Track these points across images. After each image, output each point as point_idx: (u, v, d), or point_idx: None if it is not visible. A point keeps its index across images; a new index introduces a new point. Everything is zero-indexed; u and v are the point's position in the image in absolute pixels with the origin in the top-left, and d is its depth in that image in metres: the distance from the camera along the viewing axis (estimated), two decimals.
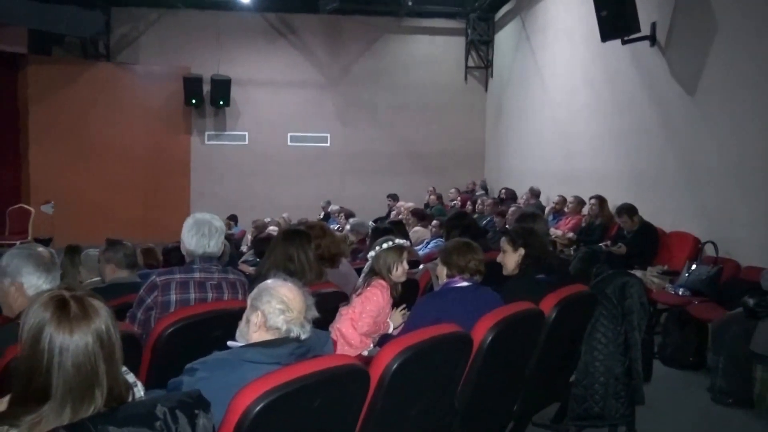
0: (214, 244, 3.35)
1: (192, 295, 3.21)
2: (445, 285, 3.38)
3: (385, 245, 3.44)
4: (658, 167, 7.78)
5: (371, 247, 3.54)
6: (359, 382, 2.20)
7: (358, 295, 3.39)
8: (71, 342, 1.52)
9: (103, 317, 1.58)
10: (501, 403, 3.23)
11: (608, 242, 7.24)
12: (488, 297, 3.33)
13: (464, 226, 5.19)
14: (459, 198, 12.74)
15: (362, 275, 3.54)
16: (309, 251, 3.74)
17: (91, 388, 1.52)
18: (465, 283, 3.33)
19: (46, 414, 1.49)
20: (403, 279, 3.49)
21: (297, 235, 3.85)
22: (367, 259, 3.59)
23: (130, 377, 1.82)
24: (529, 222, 4.19)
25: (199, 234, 3.31)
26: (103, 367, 1.54)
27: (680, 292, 5.95)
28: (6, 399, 1.61)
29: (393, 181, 14.29)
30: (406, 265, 3.49)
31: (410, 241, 7.18)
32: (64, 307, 1.55)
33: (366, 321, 3.33)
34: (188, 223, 3.36)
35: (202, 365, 2.07)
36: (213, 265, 3.35)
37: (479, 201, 11.09)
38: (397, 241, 3.48)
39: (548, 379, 3.55)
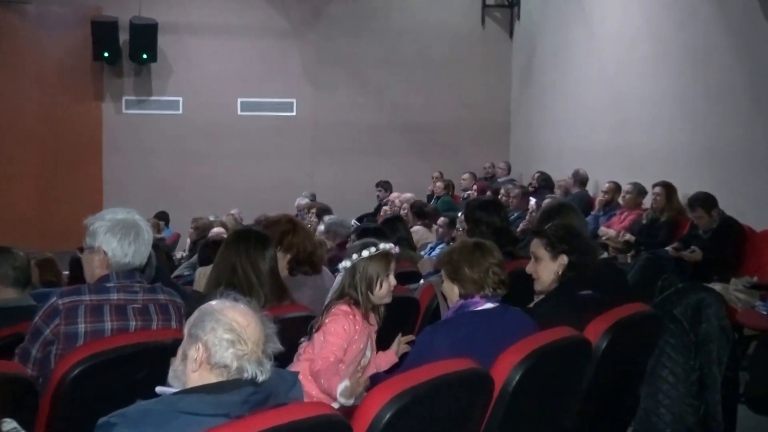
0: (144, 252, 3.37)
1: (107, 324, 3.21)
2: (458, 308, 3.40)
3: (365, 252, 3.37)
4: (745, 144, 7.80)
5: (347, 254, 3.48)
6: None
7: (317, 330, 3.34)
8: None
9: None
10: None
11: (677, 245, 7.26)
12: (517, 321, 3.35)
13: (497, 227, 5.12)
14: (475, 186, 12.76)
15: (330, 296, 3.53)
16: (262, 260, 3.75)
17: None
18: (488, 305, 3.34)
19: None
20: (387, 300, 3.44)
21: (244, 238, 3.86)
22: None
23: (6, 424, 1.81)
24: (558, 219, 4.19)
25: (124, 237, 3.31)
26: None
27: None
28: None
29: (384, 164, 14.28)
30: (393, 280, 3.43)
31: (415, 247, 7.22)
32: None
33: (325, 363, 3.22)
34: (103, 221, 3.35)
35: (121, 419, 2.07)
36: (136, 281, 3.36)
37: (503, 190, 11.11)
38: (382, 245, 3.41)
39: None
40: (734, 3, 7.95)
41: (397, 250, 3.46)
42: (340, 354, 3.27)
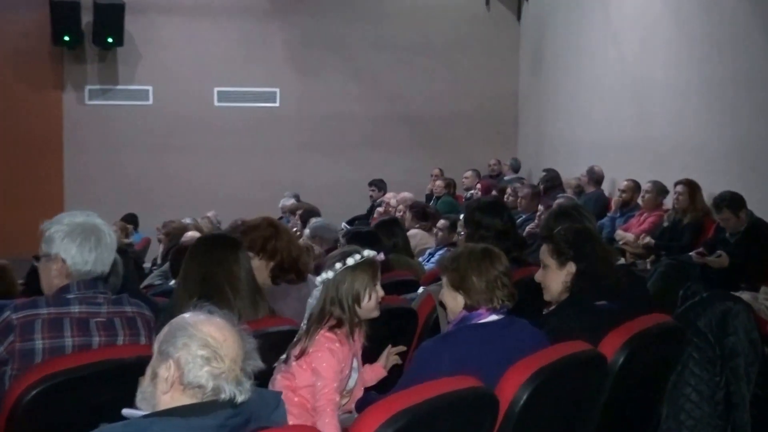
0: (107, 259, 3.37)
1: (68, 340, 3.20)
2: (460, 320, 3.40)
3: (350, 260, 3.32)
4: None
5: (326, 265, 3.41)
6: None
7: (297, 358, 3.28)
8: None
9: None
10: None
11: (702, 250, 7.29)
12: (525, 335, 3.36)
13: (501, 229, 5.15)
14: (479, 185, 12.77)
15: (307, 315, 3.45)
16: (236, 266, 3.75)
17: None
18: (494, 317, 3.35)
19: None
20: (376, 313, 3.40)
21: (211, 244, 3.87)
22: None
23: None
24: (567, 222, 4.21)
25: (84, 243, 3.32)
26: None
27: None
28: None
29: (378, 160, 14.30)
30: (380, 291, 3.40)
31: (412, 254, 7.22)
32: None
33: (331, 404, 3.20)
34: (61, 226, 3.36)
35: None
36: (99, 292, 3.36)
37: (510, 190, 11.13)
38: (366, 253, 3.37)
39: None
40: None
41: (381, 257, 3.44)
42: (339, 386, 3.27)
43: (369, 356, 3.65)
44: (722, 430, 3.61)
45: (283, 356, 3.33)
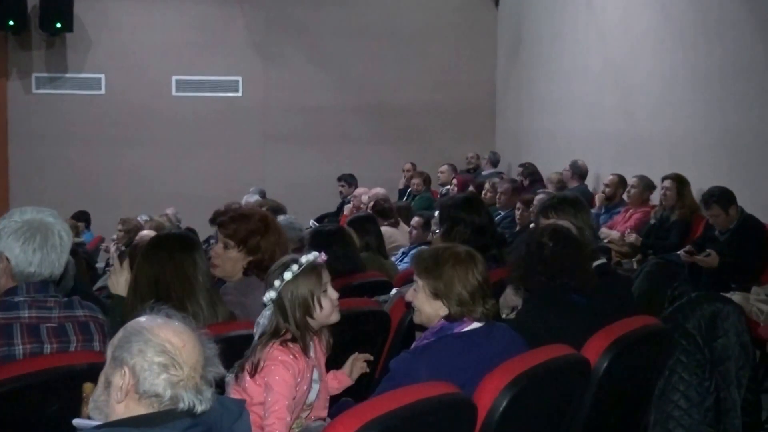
0: (57, 260, 3.34)
1: (19, 348, 3.18)
2: (440, 330, 3.38)
3: (288, 274, 3.25)
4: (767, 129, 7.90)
5: (268, 284, 3.33)
6: None
7: (251, 374, 3.21)
8: None
9: None
10: None
11: (690, 248, 7.34)
12: (507, 341, 3.38)
13: (478, 225, 5.17)
14: (455, 180, 12.79)
15: (258, 332, 3.35)
16: (191, 267, 3.74)
17: None
18: (475, 325, 3.35)
19: None
20: (335, 318, 3.35)
21: (164, 244, 3.85)
22: None
23: None
24: (567, 211, 4.19)
25: (28, 242, 3.29)
26: None
27: None
28: None
29: (347, 154, 14.30)
30: (333, 294, 3.35)
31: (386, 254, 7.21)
32: None
33: (281, 423, 3.13)
34: (8, 223, 3.34)
35: None
36: (50, 295, 3.34)
37: (488, 185, 11.16)
38: (304, 259, 3.29)
39: None
40: None
41: (323, 257, 3.35)
42: (291, 403, 3.19)
43: (339, 360, 3.64)
44: None
45: (232, 370, 3.26)
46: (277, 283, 3.25)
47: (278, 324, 3.24)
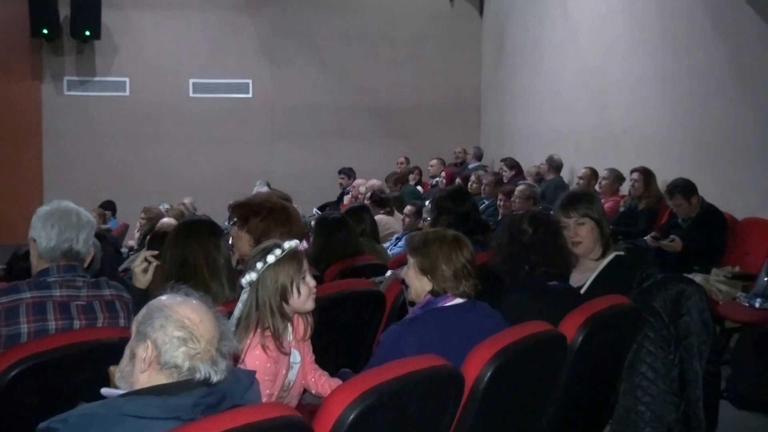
0: (84, 241, 3.33)
1: (51, 324, 3.18)
2: (426, 305, 3.39)
3: (270, 257, 3.09)
4: (727, 128, 7.89)
5: (248, 267, 3.16)
6: None
7: (240, 364, 2.97)
8: None
9: None
10: None
11: (656, 234, 7.34)
12: (488, 317, 3.37)
13: (461, 213, 5.19)
14: (444, 172, 12.79)
15: (235, 317, 3.13)
16: (216, 252, 3.73)
17: None
18: (458, 300, 3.35)
19: None
20: (310, 306, 3.19)
21: (195, 228, 3.84)
22: None
23: None
24: (584, 205, 4.13)
25: (62, 224, 3.30)
26: None
27: (757, 304, 6.06)
28: None
29: (347, 149, 14.30)
30: (311, 281, 3.19)
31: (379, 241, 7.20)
32: None
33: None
34: (43, 210, 3.34)
35: (62, 424, 2.04)
36: (78, 275, 3.33)
37: (473, 177, 11.15)
38: (287, 245, 3.12)
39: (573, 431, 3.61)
40: None
41: (304, 245, 3.22)
42: (271, 391, 3.07)
43: (341, 335, 3.63)
44: (676, 405, 3.63)
45: None
46: (259, 265, 3.09)
47: (251, 309, 3.09)
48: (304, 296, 3.13)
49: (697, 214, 7.20)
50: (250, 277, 3.10)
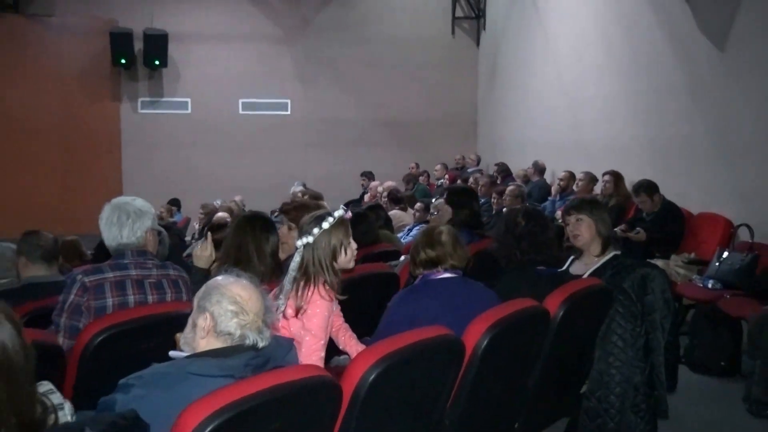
0: (128, 233, 3.30)
1: (131, 297, 3.20)
2: (423, 277, 3.40)
3: (325, 224, 3.04)
4: (684, 137, 7.85)
5: (304, 231, 3.08)
6: (329, 398, 2.20)
7: (295, 315, 2.99)
8: None
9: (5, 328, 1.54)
10: (499, 419, 3.26)
11: (624, 226, 7.31)
12: (476, 289, 3.37)
13: (474, 211, 5.13)
14: (447, 175, 12.77)
15: (291, 272, 3.07)
16: (265, 242, 3.73)
17: None
18: (448, 274, 3.36)
19: None
20: (351, 264, 3.18)
21: (251, 221, 3.84)
22: None
23: (56, 397, 1.80)
24: (585, 209, 4.06)
25: (110, 223, 3.30)
26: (3, 395, 1.51)
27: (710, 285, 6.04)
28: None
29: (368, 155, 14.30)
30: (354, 244, 3.16)
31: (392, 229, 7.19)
32: None
33: (314, 358, 2.96)
34: (103, 210, 3.35)
35: (138, 380, 2.06)
36: (148, 259, 3.34)
37: (472, 179, 11.13)
38: (338, 213, 3.09)
39: (555, 391, 3.60)
40: (674, 14, 7.98)
41: (350, 214, 3.18)
42: (326, 342, 3.05)
43: (363, 308, 3.61)
44: (642, 369, 3.61)
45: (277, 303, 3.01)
46: (316, 230, 3.03)
47: (308, 266, 3.02)
48: (349, 256, 3.12)
49: (658, 209, 7.17)
50: (307, 239, 3.05)
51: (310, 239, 3.04)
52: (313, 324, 2.98)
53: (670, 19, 8.10)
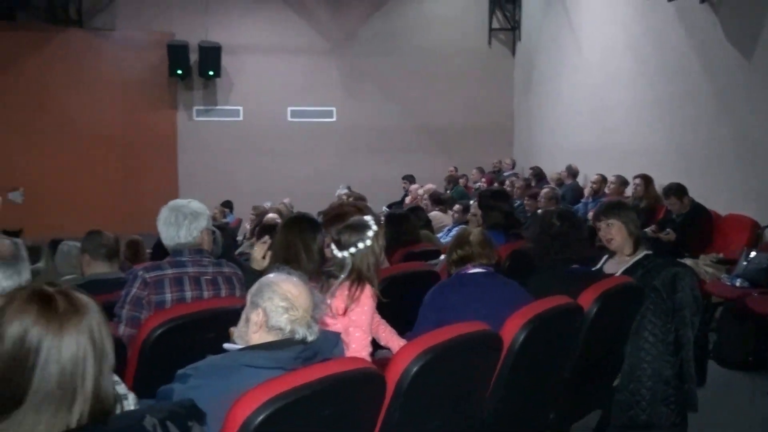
0: (185, 233, 3.32)
1: (188, 293, 3.23)
2: (456, 274, 3.42)
3: (371, 232, 3.07)
4: (711, 141, 7.72)
5: (355, 241, 3.09)
6: (374, 389, 2.20)
7: (344, 313, 3.01)
8: (61, 342, 1.51)
9: (93, 314, 1.58)
10: (535, 411, 3.23)
11: (654, 227, 7.20)
12: (510, 287, 3.36)
13: (506, 212, 5.07)
14: (483, 179, 12.69)
15: (343, 276, 3.08)
16: (312, 242, 3.73)
17: (73, 396, 1.51)
18: (478, 270, 3.36)
19: (16, 424, 1.48)
20: (386, 264, 3.31)
21: (299, 222, 3.86)
22: None
23: (121, 388, 1.83)
24: (613, 212, 4.00)
25: (168, 223, 3.33)
26: (92, 371, 1.54)
27: (737, 284, 5.93)
28: None
29: (408, 160, 14.25)
30: (384, 241, 3.19)
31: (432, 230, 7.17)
32: (50, 303, 1.54)
33: (360, 348, 2.99)
34: (161, 211, 3.38)
35: (194, 371, 2.08)
36: (204, 257, 3.36)
37: (508, 182, 11.05)
38: (374, 225, 3.12)
39: (588, 384, 3.55)
40: (699, 21, 7.87)
41: (382, 219, 3.32)
42: (370, 335, 3.09)
43: (407, 307, 3.60)
44: (672, 364, 3.56)
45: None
46: (360, 245, 3.05)
47: (362, 269, 3.04)
48: (383, 257, 3.23)
49: (688, 211, 7.05)
50: (358, 246, 3.05)
51: (361, 245, 3.06)
52: (363, 321, 3.02)
53: (698, 29, 7.98)
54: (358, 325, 3.01)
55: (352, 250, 3.06)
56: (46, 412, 1.49)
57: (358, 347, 2.97)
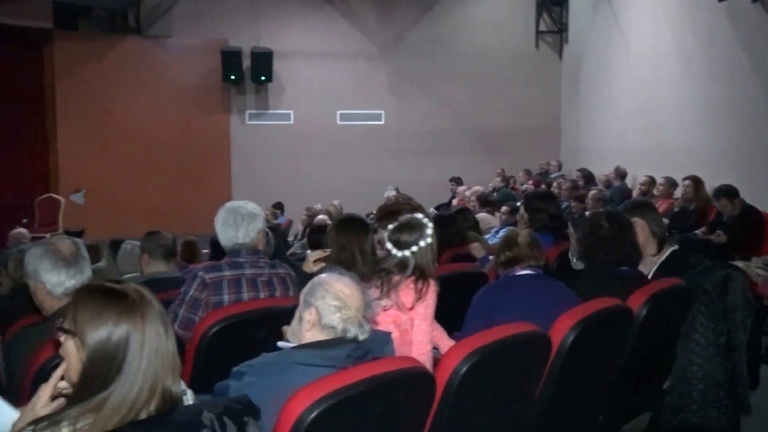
0: (243, 234, 3.35)
1: (245, 295, 3.26)
2: (505, 275, 3.41)
3: (429, 230, 3.06)
4: (761, 142, 7.56)
5: (403, 242, 3.06)
6: (424, 388, 2.20)
7: (411, 308, 3.02)
8: (145, 332, 1.59)
9: (158, 306, 1.65)
10: (584, 413, 3.19)
11: (705, 229, 7.05)
12: (557, 289, 3.32)
13: (552, 215, 4.98)
14: (530, 181, 12.57)
15: (407, 273, 3.06)
16: (365, 242, 3.74)
17: (155, 387, 1.59)
18: (526, 271, 3.35)
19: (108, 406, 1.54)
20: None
21: (350, 222, 3.87)
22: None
23: (180, 384, 1.87)
24: (635, 212, 3.94)
25: (226, 224, 3.35)
26: (171, 354, 1.62)
27: None
28: (53, 403, 1.68)
29: (455, 162, 14.20)
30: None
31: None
32: (124, 298, 1.61)
33: (423, 338, 3.03)
34: (219, 213, 3.41)
35: (249, 368, 2.11)
36: (260, 258, 3.39)
37: (555, 184, 10.92)
38: (430, 224, 3.10)
39: (638, 386, 3.49)
40: (749, 21, 7.70)
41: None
42: (433, 329, 3.13)
43: (456, 308, 3.58)
44: (724, 367, 3.47)
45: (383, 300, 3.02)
46: (429, 231, 3.05)
47: (425, 266, 3.03)
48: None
49: (738, 213, 6.91)
50: (425, 241, 3.04)
51: (423, 243, 3.04)
52: (428, 314, 3.04)
53: (749, 29, 7.80)
54: (423, 318, 3.02)
55: (414, 248, 3.04)
56: (127, 404, 1.55)
57: (423, 339, 3.00)
